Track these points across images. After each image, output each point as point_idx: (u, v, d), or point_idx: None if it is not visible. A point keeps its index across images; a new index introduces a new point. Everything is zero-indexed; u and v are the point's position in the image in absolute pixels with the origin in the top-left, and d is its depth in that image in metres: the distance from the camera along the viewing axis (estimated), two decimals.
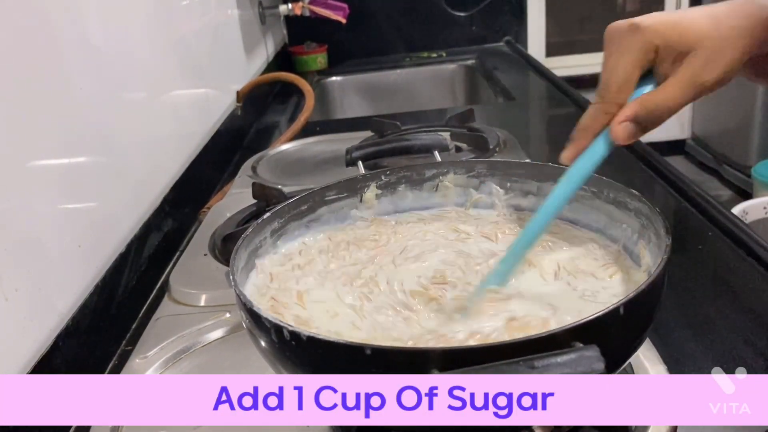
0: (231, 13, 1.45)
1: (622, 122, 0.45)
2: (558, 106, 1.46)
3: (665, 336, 0.58)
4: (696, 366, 0.54)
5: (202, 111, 1.15)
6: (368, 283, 0.49)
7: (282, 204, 0.54)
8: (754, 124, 2.36)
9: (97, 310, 0.65)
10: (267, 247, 0.53)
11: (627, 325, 0.37)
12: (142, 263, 0.77)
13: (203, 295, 0.68)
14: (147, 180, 0.85)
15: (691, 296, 0.64)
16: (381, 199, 0.60)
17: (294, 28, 2.07)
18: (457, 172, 0.60)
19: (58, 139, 0.64)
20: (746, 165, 2.33)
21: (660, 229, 0.44)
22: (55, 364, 0.56)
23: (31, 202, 0.58)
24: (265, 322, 0.38)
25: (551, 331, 0.34)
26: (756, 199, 1.73)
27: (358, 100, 1.91)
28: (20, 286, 0.53)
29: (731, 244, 0.73)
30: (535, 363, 0.31)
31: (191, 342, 0.61)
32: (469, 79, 1.90)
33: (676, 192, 0.87)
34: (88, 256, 0.66)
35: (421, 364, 0.33)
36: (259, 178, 1.01)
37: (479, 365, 0.32)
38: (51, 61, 0.65)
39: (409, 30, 2.14)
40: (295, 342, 0.36)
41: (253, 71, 1.56)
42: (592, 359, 0.31)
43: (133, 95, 0.86)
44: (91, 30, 0.75)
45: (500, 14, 2.17)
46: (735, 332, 0.58)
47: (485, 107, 1.57)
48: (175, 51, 1.05)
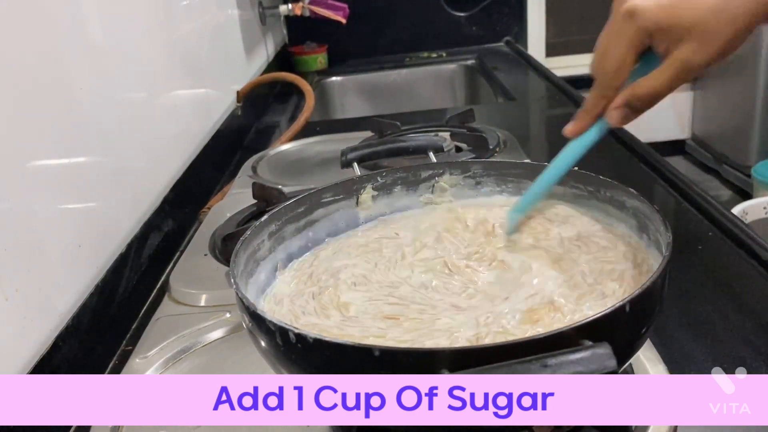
0: (231, 13, 1.45)
1: (616, 107, 0.48)
2: (558, 106, 1.46)
3: (665, 336, 0.58)
4: (696, 366, 0.54)
5: (202, 111, 1.15)
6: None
7: (279, 206, 0.54)
8: (754, 124, 2.36)
9: (97, 310, 0.65)
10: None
11: (632, 322, 0.38)
12: (142, 263, 0.77)
13: (203, 295, 0.68)
14: (147, 180, 0.85)
15: (691, 296, 0.64)
16: (377, 200, 0.60)
17: (294, 28, 2.07)
18: (453, 172, 0.60)
19: (58, 139, 0.64)
20: (746, 165, 2.33)
21: (659, 226, 0.44)
22: (55, 364, 0.56)
23: (31, 202, 0.58)
24: (270, 325, 0.38)
25: (560, 330, 0.34)
26: (756, 199, 1.73)
27: (358, 100, 1.91)
28: (20, 286, 0.53)
29: (731, 244, 0.73)
30: (547, 361, 0.31)
31: (191, 342, 0.61)
32: (469, 79, 1.90)
33: (676, 192, 0.87)
34: (88, 256, 0.66)
35: (431, 365, 0.33)
36: (259, 178, 1.01)
37: (490, 365, 0.32)
38: (51, 61, 0.65)
39: (409, 30, 2.14)
40: (301, 344, 0.36)
41: (253, 71, 1.56)
42: (604, 357, 0.32)
43: (133, 95, 0.86)
44: (91, 30, 0.75)
45: (500, 14, 2.17)
46: (735, 332, 0.58)
47: (485, 107, 1.56)
48: (175, 51, 1.05)
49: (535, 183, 0.54)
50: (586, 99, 0.51)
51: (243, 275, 0.48)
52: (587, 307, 0.43)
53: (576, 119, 0.51)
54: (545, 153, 1.19)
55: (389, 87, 1.92)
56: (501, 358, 0.32)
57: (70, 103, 0.67)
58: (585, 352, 0.32)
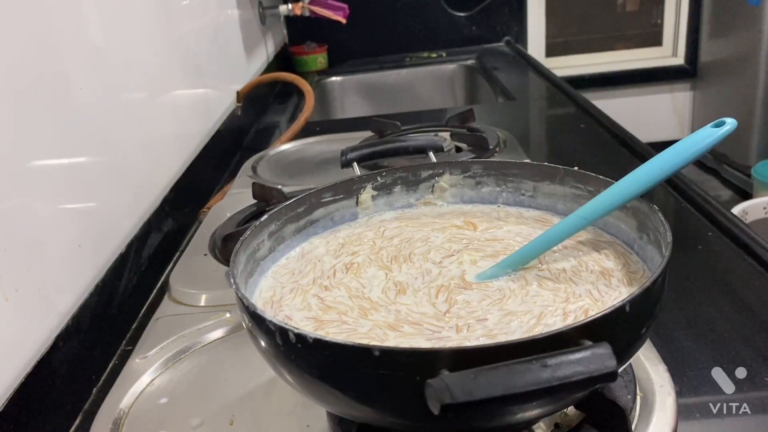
0: (231, 13, 1.45)
1: None
2: (558, 106, 1.46)
3: (665, 336, 0.58)
4: (696, 366, 0.54)
5: (202, 111, 1.15)
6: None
7: (279, 206, 0.54)
8: (754, 124, 2.36)
9: (97, 310, 0.65)
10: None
11: (632, 322, 0.38)
12: (142, 263, 0.77)
13: (203, 295, 0.68)
14: (147, 180, 0.85)
15: (691, 296, 0.64)
16: (377, 200, 0.60)
17: (294, 28, 2.07)
18: (453, 172, 0.60)
19: (58, 139, 0.64)
20: (746, 165, 2.33)
21: (659, 226, 0.44)
22: (55, 364, 0.56)
23: (31, 202, 0.58)
24: (270, 325, 0.38)
25: (559, 330, 0.34)
26: (756, 199, 1.73)
27: (358, 100, 1.91)
28: (20, 286, 0.53)
29: (731, 244, 0.73)
30: (547, 361, 0.31)
31: (191, 342, 0.61)
32: (469, 79, 1.90)
33: (676, 192, 0.87)
34: (88, 256, 0.66)
35: (431, 365, 0.33)
36: (259, 178, 1.01)
37: (490, 365, 0.31)
38: (51, 61, 0.65)
39: (409, 30, 2.14)
40: (301, 344, 0.36)
41: (253, 71, 1.56)
42: (604, 357, 0.31)
43: (133, 95, 0.86)
44: (91, 30, 0.75)
45: (500, 14, 2.17)
46: (735, 332, 0.58)
47: (485, 107, 1.57)
48: (175, 51, 1.05)
49: (524, 247, 0.49)
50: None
51: (243, 275, 0.48)
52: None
53: None
54: (545, 153, 1.19)
55: (389, 87, 1.92)
56: (501, 358, 0.32)
57: (70, 103, 0.67)
58: (585, 352, 0.32)
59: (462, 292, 0.47)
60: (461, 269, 0.50)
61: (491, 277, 0.48)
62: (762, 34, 2.27)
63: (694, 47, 2.58)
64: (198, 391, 0.55)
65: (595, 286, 0.46)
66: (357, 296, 0.48)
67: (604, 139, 1.15)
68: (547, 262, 0.49)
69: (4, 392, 0.50)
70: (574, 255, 0.50)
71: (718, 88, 2.55)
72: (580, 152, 1.13)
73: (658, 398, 0.48)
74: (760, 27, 2.27)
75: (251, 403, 0.52)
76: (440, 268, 0.50)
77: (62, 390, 0.56)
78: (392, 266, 0.51)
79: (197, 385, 0.56)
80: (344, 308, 0.46)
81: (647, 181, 0.45)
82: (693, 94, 2.68)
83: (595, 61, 2.61)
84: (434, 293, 0.47)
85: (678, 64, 2.62)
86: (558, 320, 0.42)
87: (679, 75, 2.63)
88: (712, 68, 2.55)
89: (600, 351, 0.32)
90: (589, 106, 1.31)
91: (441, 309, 0.45)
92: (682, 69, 2.61)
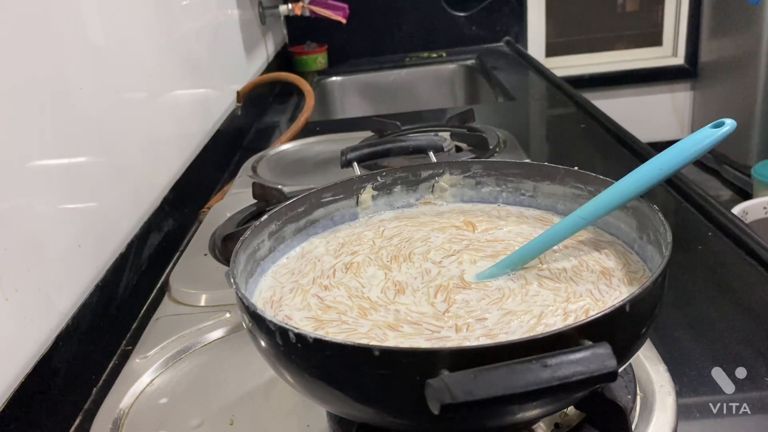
0: (231, 13, 1.45)
1: None
2: (558, 106, 1.46)
3: (665, 336, 0.58)
4: (696, 366, 0.54)
5: (202, 111, 1.15)
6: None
7: (279, 206, 0.54)
8: (754, 124, 2.36)
9: (97, 310, 0.65)
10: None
11: (632, 322, 0.38)
12: (142, 263, 0.77)
13: (203, 295, 0.68)
14: (147, 180, 0.85)
15: (691, 296, 0.64)
16: (377, 200, 0.60)
17: (294, 28, 2.07)
18: (453, 172, 0.60)
19: (58, 139, 0.64)
20: (746, 165, 2.33)
21: (659, 226, 0.44)
22: (55, 364, 0.56)
23: (31, 202, 0.58)
24: (270, 325, 0.38)
25: (559, 329, 0.34)
26: (756, 199, 1.73)
27: (358, 100, 1.91)
28: (20, 286, 0.53)
29: (731, 244, 0.73)
30: (547, 361, 0.31)
31: (191, 342, 0.61)
32: (469, 79, 1.90)
33: (676, 192, 0.87)
34: (88, 256, 0.66)
35: (431, 365, 0.33)
36: (259, 178, 1.01)
37: (490, 365, 0.31)
38: (51, 61, 0.65)
39: (409, 30, 2.14)
40: (301, 344, 0.36)
41: (253, 71, 1.56)
42: (604, 356, 0.31)
43: (133, 95, 0.86)
44: (91, 30, 0.75)
45: (500, 14, 2.17)
46: (735, 332, 0.58)
47: (485, 107, 1.57)
48: (175, 51, 1.05)
49: (524, 247, 0.49)
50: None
51: (243, 275, 0.48)
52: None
53: None
54: (545, 153, 1.19)
55: (389, 87, 1.92)
56: (501, 358, 0.32)
57: (70, 103, 0.67)
58: (585, 352, 0.32)
59: (460, 291, 0.47)
60: (461, 269, 0.50)
61: (490, 276, 0.48)
62: (762, 34, 2.27)
63: (694, 47, 2.59)
64: (198, 391, 0.55)
65: (596, 285, 0.46)
66: (356, 296, 0.48)
67: (604, 139, 1.15)
68: (547, 262, 0.49)
69: (4, 392, 0.50)
70: (574, 254, 0.50)
71: (718, 88, 2.55)
72: (580, 152, 1.13)
73: (658, 398, 0.48)
74: (760, 27, 2.27)
75: (251, 403, 0.52)
76: (440, 267, 0.50)
77: (62, 390, 0.56)
78: (392, 266, 0.51)
79: (197, 385, 0.56)
80: (344, 308, 0.46)
81: (647, 181, 0.45)
82: (693, 94, 2.68)
83: (595, 61, 2.61)
84: (433, 293, 0.47)
85: (678, 64, 2.62)
86: (558, 320, 0.42)
87: (679, 75, 2.63)
88: (712, 68, 2.55)
89: (600, 351, 0.32)
90: (589, 106, 1.31)
91: (440, 309, 0.45)
92: (682, 69, 2.62)
